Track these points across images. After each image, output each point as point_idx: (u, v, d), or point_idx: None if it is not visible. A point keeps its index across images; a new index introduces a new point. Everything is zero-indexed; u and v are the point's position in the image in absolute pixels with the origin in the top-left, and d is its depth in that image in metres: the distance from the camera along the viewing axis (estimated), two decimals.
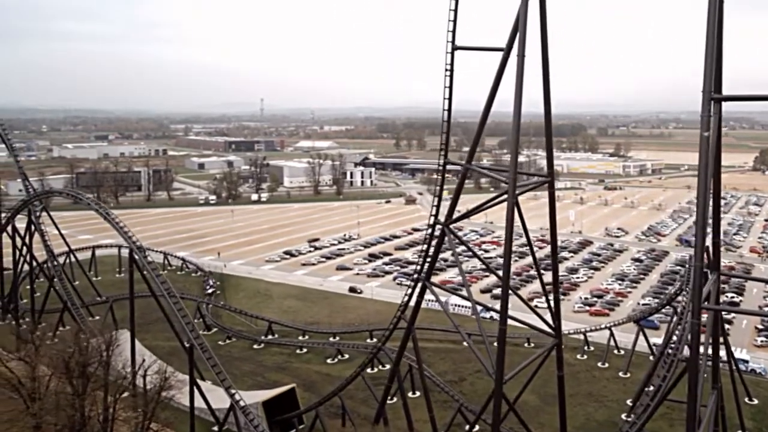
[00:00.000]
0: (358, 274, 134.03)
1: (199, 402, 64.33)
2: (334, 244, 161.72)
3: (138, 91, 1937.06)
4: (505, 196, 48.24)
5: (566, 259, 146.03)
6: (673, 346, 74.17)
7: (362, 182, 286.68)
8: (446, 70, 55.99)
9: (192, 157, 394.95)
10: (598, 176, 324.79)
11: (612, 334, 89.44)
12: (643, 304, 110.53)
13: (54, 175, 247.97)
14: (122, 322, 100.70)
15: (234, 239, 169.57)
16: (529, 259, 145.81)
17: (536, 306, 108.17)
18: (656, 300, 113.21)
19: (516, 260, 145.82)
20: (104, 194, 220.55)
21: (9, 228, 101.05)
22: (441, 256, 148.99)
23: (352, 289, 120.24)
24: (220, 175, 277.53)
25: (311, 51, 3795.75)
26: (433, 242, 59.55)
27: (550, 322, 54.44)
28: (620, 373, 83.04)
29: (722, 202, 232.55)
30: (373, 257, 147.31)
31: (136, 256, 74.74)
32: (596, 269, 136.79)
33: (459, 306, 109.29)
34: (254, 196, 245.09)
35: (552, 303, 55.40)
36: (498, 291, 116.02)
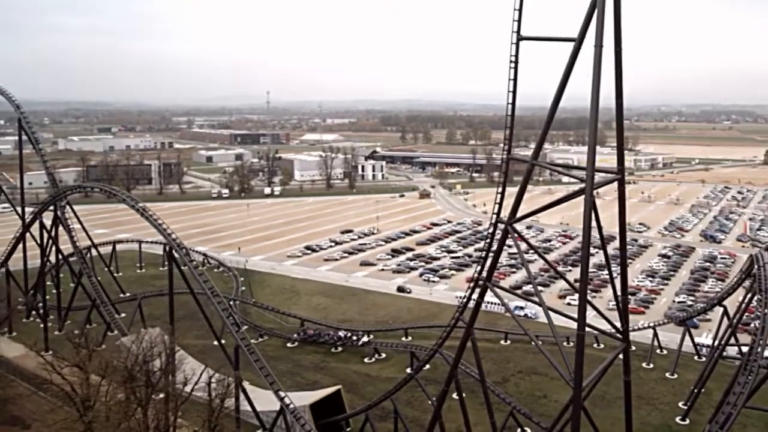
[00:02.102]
0: (383, 269, 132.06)
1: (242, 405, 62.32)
2: (354, 239, 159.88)
3: (137, 83, 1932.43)
4: (558, 192, 45.83)
5: (591, 255, 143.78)
6: (719, 345, 72.78)
7: (373, 176, 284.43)
8: (511, 61, 53.44)
9: (200, 150, 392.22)
10: (609, 171, 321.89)
11: (656, 334, 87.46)
12: (679, 302, 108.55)
13: (63, 168, 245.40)
14: (150, 319, 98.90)
15: (252, 234, 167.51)
16: (553, 255, 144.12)
17: (569, 304, 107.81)
18: (691, 298, 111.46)
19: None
20: (116, 188, 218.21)
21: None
22: (466, 251, 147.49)
23: (400, 289, 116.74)
24: (230, 168, 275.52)
25: (309, 44, 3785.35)
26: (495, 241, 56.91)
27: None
28: (667, 374, 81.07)
29: (739, 197, 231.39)
30: (396, 252, 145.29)
31: (176, 254, 72.63)
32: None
33: (491, 303, 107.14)
34: (267, 190, 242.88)
35: (620, 305, 53.14)
36: (528, 288, 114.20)
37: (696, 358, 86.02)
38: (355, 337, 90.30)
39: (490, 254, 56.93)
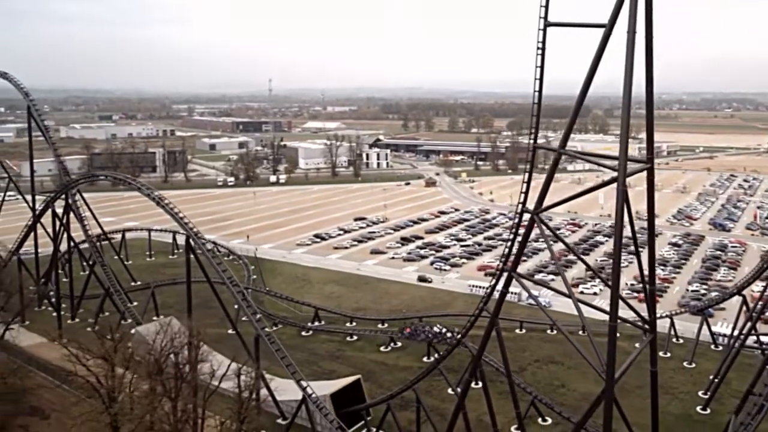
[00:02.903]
0: (393, 258, 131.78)
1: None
2: (363, 228, 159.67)
3: (136, 71, 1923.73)
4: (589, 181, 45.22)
5: (602, 243, 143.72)
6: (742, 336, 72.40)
7: (378, 164, 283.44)
8: (538, 48, 52.58)
9: (202, 138, 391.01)
10: (614, 158, 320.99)
11: (672, 323, 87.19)
12: (692, 291, 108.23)
13: (67, 156, 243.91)
14: (162, 308, 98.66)
15: (259, 222, 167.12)
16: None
17: (582, 293, 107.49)
18: (704, 286, 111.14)
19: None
20: (130, 177, 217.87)
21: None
22: (475, 240, 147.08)
23: (421, 278, 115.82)
24: (234, 156, 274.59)
25: (308, 33, 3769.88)
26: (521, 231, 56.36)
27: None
28: (684, 363, 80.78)
29: (746, 185, 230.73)
30: (405, 241, 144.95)
31: (194, 243, 72.21)
32: (635, 254, 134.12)
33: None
34: (272, 178, 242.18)
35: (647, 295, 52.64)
36: (540, 276, 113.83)
37: (713, 347, 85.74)
38: (450, 334, 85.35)
39: (516, 244, 56.45)
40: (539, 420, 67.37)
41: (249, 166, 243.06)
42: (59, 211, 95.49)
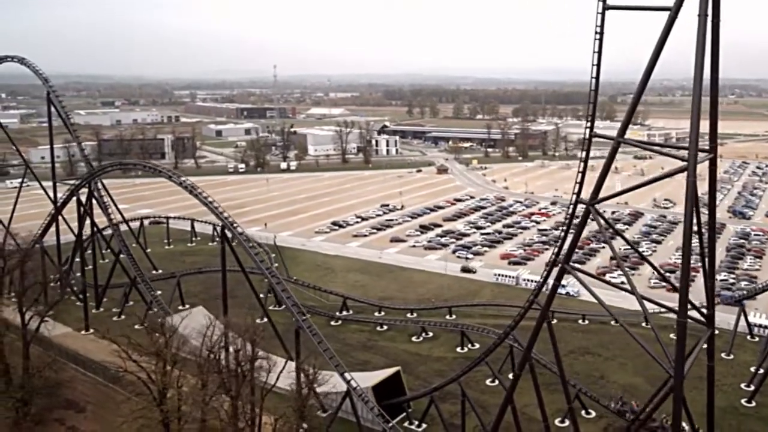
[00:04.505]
0: (414, 246, 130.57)
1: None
2: (380, 215, 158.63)
3: (135, 56, 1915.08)
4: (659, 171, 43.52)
5: (622, 231, 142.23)
6: None
7: (387, 151, 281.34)
8: (596, 32, 50.79)
9: (208, 125, 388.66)
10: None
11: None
12: (721, 280, 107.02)
13: (72, 143, 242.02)
14: (186, 297, 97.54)
15: (275, 209, 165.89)
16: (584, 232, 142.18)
17: (608, 282, 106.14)
18: (732, 276, 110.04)
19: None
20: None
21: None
22: (495, 228, 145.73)
23: (465, 269, 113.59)
24: (242, 143, 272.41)
25: (308, 19, 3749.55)
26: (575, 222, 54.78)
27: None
28: (723, 355, 79.62)
29: (759, 172, 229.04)
30: (424, 229, 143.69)
31: (229, 233, 70.90)
32: (657, 242, 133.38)
33: (530, 281, 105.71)
34: (283, 165, 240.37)
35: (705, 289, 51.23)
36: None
37: (749, 337, 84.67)
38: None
39: (569, 235, 54.91)
40: (582, 413, 66.38)
41: (259, 152, 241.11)
42: (83, 199, 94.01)
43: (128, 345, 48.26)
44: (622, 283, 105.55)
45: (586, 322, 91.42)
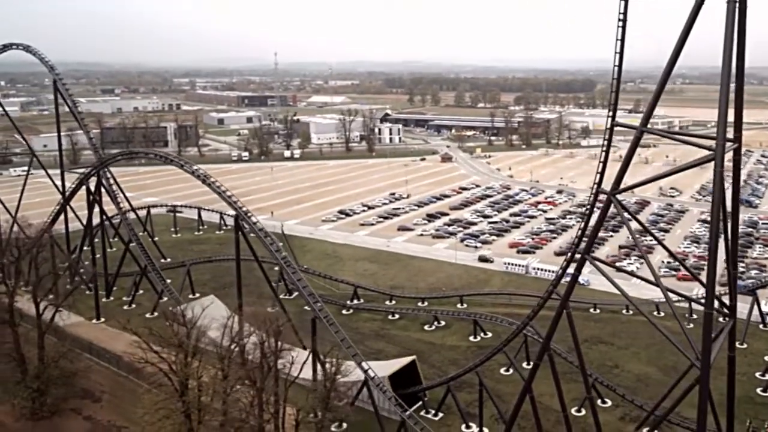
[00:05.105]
0: (421, 235, 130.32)
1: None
2: (386, 204, 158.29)
3: (132, 44, 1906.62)
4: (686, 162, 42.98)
5: (629, 219, 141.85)
6: None
7: (390, 139, 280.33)
8: (619, 20, 50.21)
9: (210, 112, 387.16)
10: (627, 133, 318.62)
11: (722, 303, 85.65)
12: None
13: (79, 131, 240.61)
14: (196, 285, 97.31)
15: (280, 198, 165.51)
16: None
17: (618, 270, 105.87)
18: (741, 264, 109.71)
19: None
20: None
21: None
22: (502, 216, 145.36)
23: (482, 259, 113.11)
24: (244, 131, 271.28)
25: (306, 8, 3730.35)
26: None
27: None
28: (736, 344, 79.34)
29: (764, 160, 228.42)
30: (431, 217, 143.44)
31: (244, 224, 70.52)
32: (665, 231, 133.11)
33: (540, 270, 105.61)
34: (287, 153, 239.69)
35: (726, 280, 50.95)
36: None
37: (761, 326, 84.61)
38: None
39: (590, 226, 54.51)
40: (599, 402, 66.16)
41: (263, 140, 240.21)
42: (92, 187, 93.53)
43: (149, 336, 47.88)
44: (636, 269, 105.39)
45: (598, 311, 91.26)
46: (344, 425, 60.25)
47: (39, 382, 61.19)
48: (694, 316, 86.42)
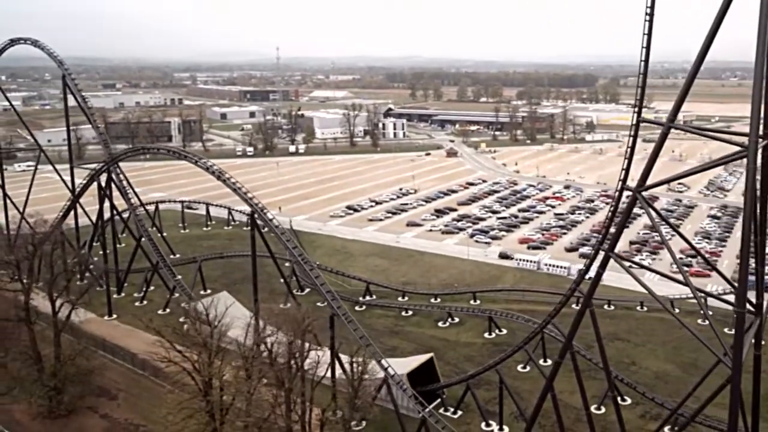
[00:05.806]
0: (431, 230, 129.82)
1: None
2: (394, 199, 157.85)
3: (133, 39, 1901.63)
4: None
5: (639, 215, 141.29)
6: None
7: (394, 134, 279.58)
8: (646, 14, 49.42)
9: (212, 107, 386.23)
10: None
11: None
12: None
13: (83, 126, 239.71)
14: (207, 281, 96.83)
15: (287, 193, 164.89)
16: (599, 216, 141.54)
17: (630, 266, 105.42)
18: (754, 259, 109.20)
19: (584, 216, 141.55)
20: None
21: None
22: (510, 212, 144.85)
23: (503, 255, 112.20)
24: (247, 126, 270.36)
25: (302, 2, 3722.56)
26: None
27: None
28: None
29: None
30: (439, 213, 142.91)
31: (260, 220, 70.00)
32: (676, 227, 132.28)
33: (552, 266, 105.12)
34: (291, 148, 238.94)
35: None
36: (585, 250, 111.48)
37: None
38: None
39: (614, 223, 54.00)
40: (618, 399, 65.63)
41: (267, 135, 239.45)
42: (102, 183, 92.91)
43: (171, 335, 47.33)
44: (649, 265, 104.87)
45: (612, 307, 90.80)
46: (363, 423, 59.85)
47: (56, 380, 60.72)
48: (710, 313, 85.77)
